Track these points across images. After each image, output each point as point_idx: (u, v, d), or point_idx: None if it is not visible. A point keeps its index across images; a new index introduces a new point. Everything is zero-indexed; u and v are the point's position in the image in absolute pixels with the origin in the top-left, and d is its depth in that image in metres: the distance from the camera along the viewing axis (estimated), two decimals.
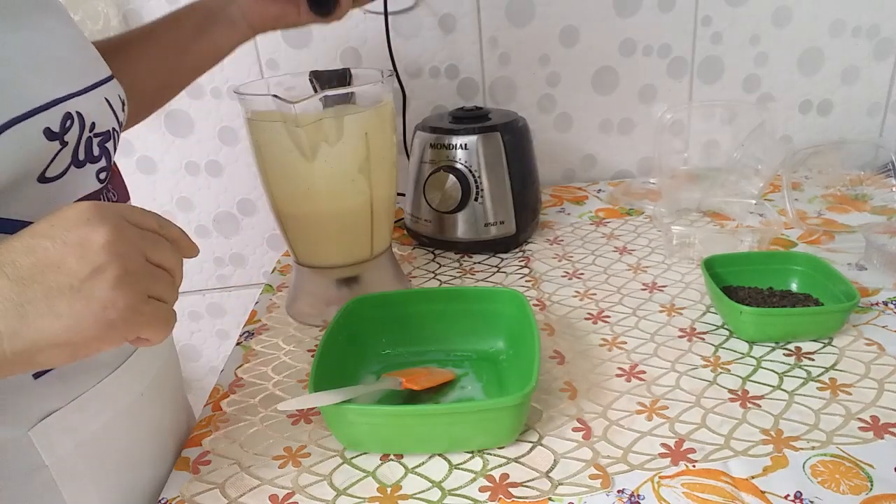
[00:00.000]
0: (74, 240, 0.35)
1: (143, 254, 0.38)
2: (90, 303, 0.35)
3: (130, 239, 0.37)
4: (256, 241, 1.20)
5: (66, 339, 0.35)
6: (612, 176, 1.18)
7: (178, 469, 0.54)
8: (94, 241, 0.35)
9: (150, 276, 0.38)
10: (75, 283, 0.35)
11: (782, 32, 1.08)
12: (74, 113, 0.44)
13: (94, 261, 0.35)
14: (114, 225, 0.36)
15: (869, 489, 0.46)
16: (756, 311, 0.63)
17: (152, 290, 0.38)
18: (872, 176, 1.00)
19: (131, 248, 0.37)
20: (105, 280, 0.35)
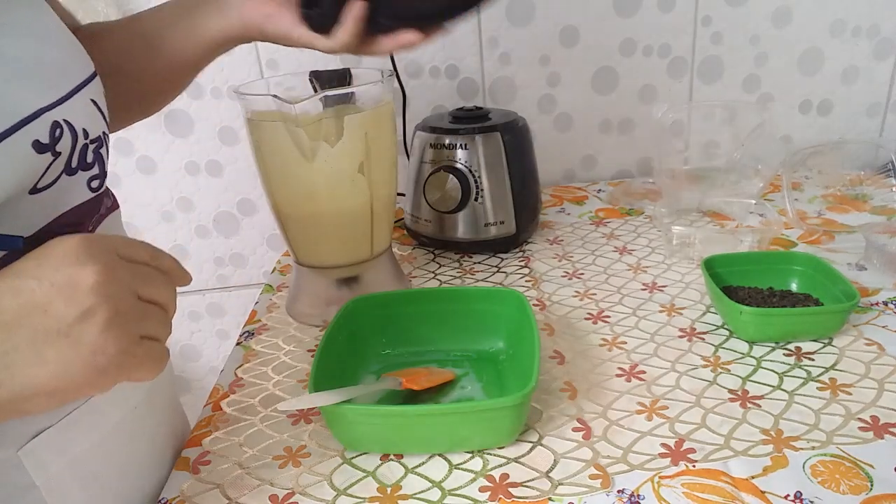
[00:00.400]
0: (62, 280, 0.33)
1: (135, 292, 0.36)
2: (79, 348, 0.33)
3: (121, 277, 0.35)
4: (256, 241, 1.20)
5: (53, 387, 0.33)
6: (612, 176, 1.18)
7: (178, 469, 0.54)
8: (83, 281, 0.33)
9: (142, 315, 0.36)
10: (63, 327, 0.33)
11: (782, 32, 1.08)
12: (62, 122, 0.42)
13: (83, 303, 0.33)
14: (104, 263, 0.34)
15: (869, 489, 0.46)
16: (756, 311, 0.63)
17: (144, 330, 0.37)
18: (872, 176, 1.00)
19: (122, 288, 0.35)
20: (95, 324, 0.33)
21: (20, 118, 0.38)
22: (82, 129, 0.44)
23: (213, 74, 1.06)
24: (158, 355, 0.38)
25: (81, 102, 0.46)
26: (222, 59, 1.07)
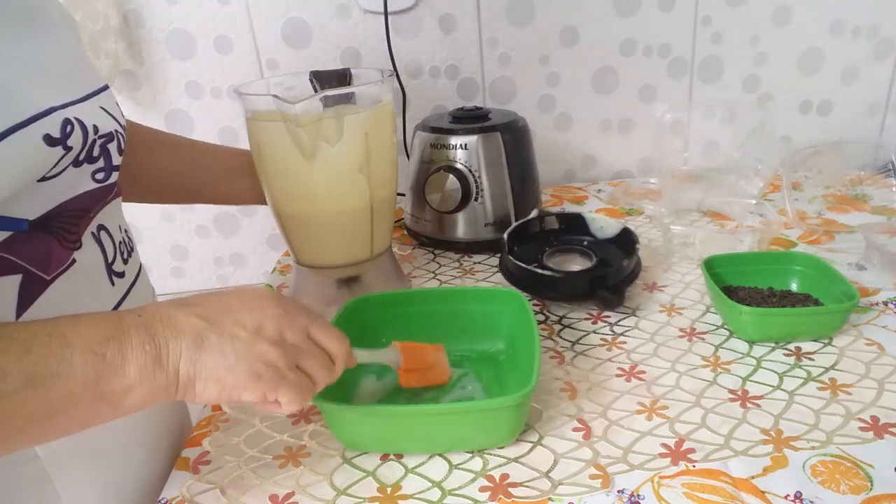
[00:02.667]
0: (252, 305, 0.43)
1: (306, 331, 0.45)
2: (249, 354, 0.41)
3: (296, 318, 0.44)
4: (256, 241, 1.20)
5: (222, 377, 0.41)
6: (612, 176, 1.18)
7: (178, 469, 0.54)
8: (268, 309, 0.43)
9: (306, 349, 0.44)
10: (243, 335, 0.42)
11: (782, 32, 1.08)
12: (73, 119, 0.45)
13: (262, 323, 0.43)
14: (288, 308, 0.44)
15: (869, 489, 0.46)
16: (756, 311, 0.63)
17: (302, 363, 0.44)
18: (872, 176, 1.00)
19: (294, 324, 0.44)
20: (265, 339, 0.42)
21: (34, 113, 0.42)
22: (93, 126, 0.47)
23: (213, 74, 1.06)
24: (305, 387, 0.44)
25: (91, 109, 0.49)
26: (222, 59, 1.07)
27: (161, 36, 1.03)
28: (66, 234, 0.46)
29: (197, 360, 0.40)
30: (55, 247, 0.45)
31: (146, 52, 1.04)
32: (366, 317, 0.65)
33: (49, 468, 0.46)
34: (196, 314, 0.41)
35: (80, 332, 0.37)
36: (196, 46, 1.04)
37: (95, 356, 0.37)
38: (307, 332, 0.45)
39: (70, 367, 0.36)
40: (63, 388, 0.36)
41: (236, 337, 0.41)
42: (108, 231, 0.52)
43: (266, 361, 0.42)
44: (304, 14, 1.03)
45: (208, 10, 1.02)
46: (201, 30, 1.03)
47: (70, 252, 0.47)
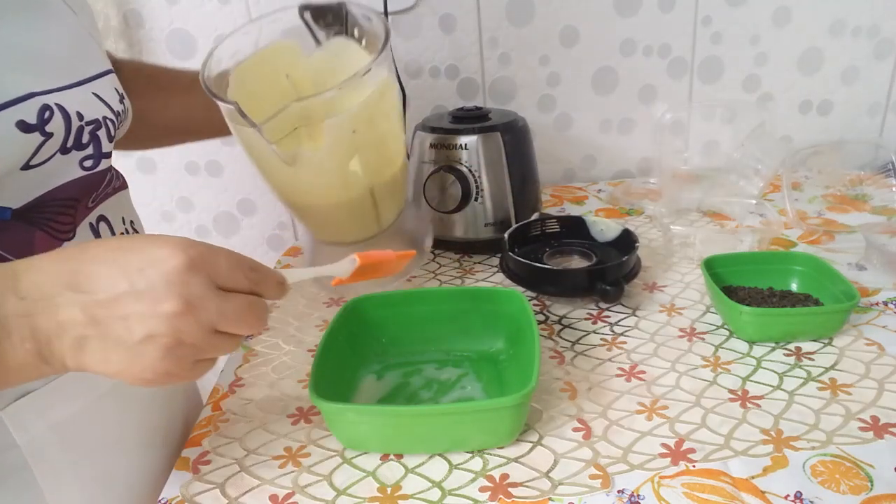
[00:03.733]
0: (148, 297, 0.36)
1: (213, 327, 0.38)
2: (135, 362, 0.36)
3: (201, 316, 0.37)
4: (256, 241, 1.20)
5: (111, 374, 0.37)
6: (612, 176, 1.18)
7: (178, 469, 0.54)
8: (164, 307, 0.36)
9: (208, 345, 0.38)
10: (129, 342, 0.36)
11: (782, 32, 1.08)
12: (54, 105, 0.44)
13: (154, 328, 0.36)
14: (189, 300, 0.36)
15: (869, 489, 0.46)
16: (756, 311, 0.63)
17: (202, 356, 0.39)
18: (872, 176, 1.00)
19: (196, 325, 0.37)
20: (156, 348, 0.36)
21: (8, 99, 0.41)
22: (76, 112, 0.46)
23: None
24: (200, 372, 0.40)
25: (81, 95, 0.48)
26: None
27: (161, 36, 1.03)
28: (53, 224, 0.46)
29: (81, 360, 0.37)
30: (39, 237, 0.45)
31: (146, 52, 1.04)
32: (365, 317, 0.65)
33: (28, 457, 0.46)
34: (80, 305, 0.35)
35: None
36: (196, 46, 1.04)
37: None
38: (214, 328, 0.38)
39: None
40: None
41: (121, 344, 0.36)
42: (108, 223, 0.52)
43: (154, 370, 0.37)
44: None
45: (208, 10, 1.02)
46: (201, 30, 1.03)
47: (59, 242, 0.47)
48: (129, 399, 0.54)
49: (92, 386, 0.50)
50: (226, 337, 0.39)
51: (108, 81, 0.53)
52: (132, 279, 0.36)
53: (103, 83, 0.52)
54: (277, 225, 1.19)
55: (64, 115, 0.45)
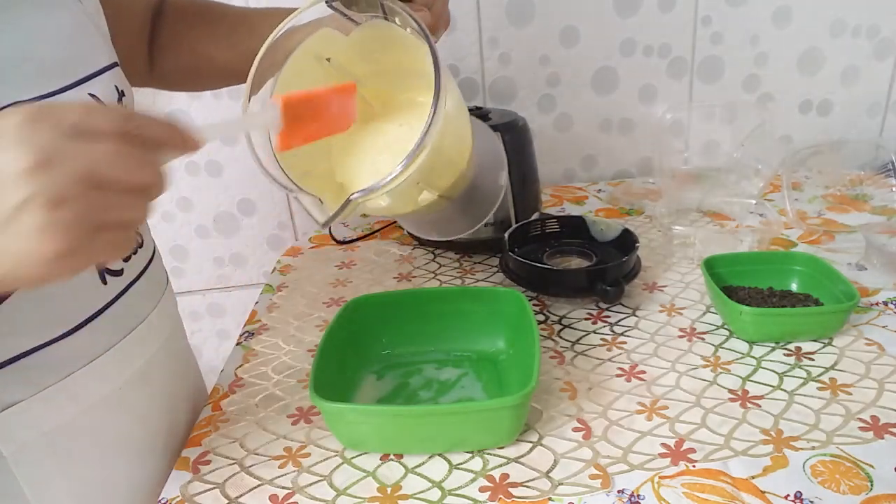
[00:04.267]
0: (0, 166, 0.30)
1: (87, 177, 0.31)
2: (21, 241, 0.30)
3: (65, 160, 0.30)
4: (256, 241, 1.20)
5: (13, 277, 0.32)
6: (612, 176, 1.18)
7: (178, 469, 0.54)
8: (16, 167, 0.30)
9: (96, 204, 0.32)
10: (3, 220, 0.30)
11: (782, 32, 1.08)
12: None
13: (17, 193, 0.30)
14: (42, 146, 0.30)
15: (869, 489, 0.46)
16: (756, 311, 0.63)
17: (99, 219, 0.32)
18: (872, 176, 1.00)
19: (65, 173, 0.30)
20: (31, 215, 0.30)
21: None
22: None
23: None
24: (118, 243, 0.34)
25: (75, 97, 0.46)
26: None
27: None
28: None
29: None
30: None
31: None
32: (365, 317, 0.65)
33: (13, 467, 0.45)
34: None
35: None
36: None
37: None
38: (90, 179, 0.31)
39: None
40: None
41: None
42: None
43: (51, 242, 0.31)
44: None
45: None
46: None
47: None
48: (124, 408, 0.53)
49: (83, 396, 0.49)
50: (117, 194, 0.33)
51: (109, 78, 0.50)
52: None
53: (102, 81, 0.49)
54: (277, 225, 1.19)
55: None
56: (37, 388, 0.46)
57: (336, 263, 0.90)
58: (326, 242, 0.97)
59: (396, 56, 0.52)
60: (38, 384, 0.46)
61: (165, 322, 0.59)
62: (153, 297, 0.58)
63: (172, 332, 0.62)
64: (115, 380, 0.52)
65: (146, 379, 0.55)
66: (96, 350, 0.50)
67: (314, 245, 0.97)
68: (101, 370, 0.50)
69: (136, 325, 0.54)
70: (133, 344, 0.53)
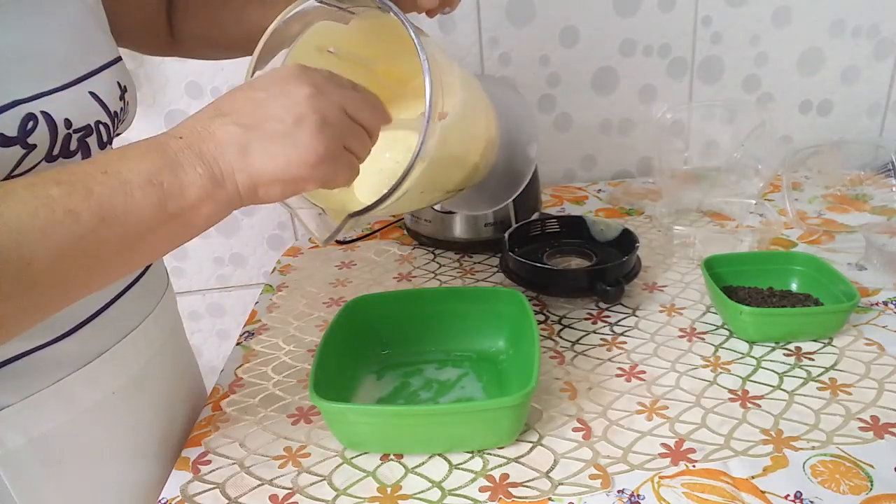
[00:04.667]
0: (283, 93, 0.41)
1: (343, 108, 0.42)
2: (297, 147, 0.40)
3: (330, 95, 0.42)
4: (256, 241, 1.20)
5: (280, 177, 0.41)
6: (612, 176, 1.18)
7: (178, 469, 0.54)
8: (300, 94, 0.41)
9: (347, 129, 0.43)
10: (286, 129, 0.40)
11: (782, 32, 1.08)
12: (39, 113, 0.43)
13: (299, 111, 0.40)
14: (315, 82, 0.42)
15: (869, 489, 0.46)
16: (756, 311, 0.63)
17: (347, 142, 0.43)
18: (872, 176, 1.00)
19: (330, 103, 0.42)
20: (308, 128, 0.40)
21: None
22: (63, 120, 0.44)
23: (212, 74, 1.06)
24: (354, 166, 0.44)
25: (73, 96, 0.46)
26: None
27: None
28: None
29: (250, 168, 0.40)
30: None
31: None
32: (365, 317, 0.65)
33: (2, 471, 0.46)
34: (232, 122, 0.40)
35: (132, 167, 0.38)
36: None
37: (154, 186, 0.38)
38: (344, 110, 0.43)
39: (134, 202, 0.37)
40: (135, 221, 0.37)
41: (279, 135, 0.40)
42: None
43: (316, 150, 0.41)
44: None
45: None
46: None
47: None
48: (117, 413, 0.53)
49: (73, 402, 0.49)
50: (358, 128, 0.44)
51: (111, 74, 0.50)
52: (265, 89, 0.41)
53: (104, 78, 0.49)
54: (277, 225, 1.19)
55: (49, 123, 0.43)
56: (26, 393, 0.46)
57: (336, 263, 0.90)
58: None
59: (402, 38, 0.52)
60: (27, 389, 0.46)
61: (164, 325, 0.59)
62: (150, 301, 0.57)
63: (171, 335, 0.61)
64: (108, 385, 0.51)
65: (141, 384, 0.55)
66: (89, 355, 0.50)
67: (314, 245, 0.97)
68: (94, 375, 0.50)
69: (131, 330, 0.53)
70: (128, 348, 0.53)
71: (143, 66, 1.05)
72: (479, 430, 0.52)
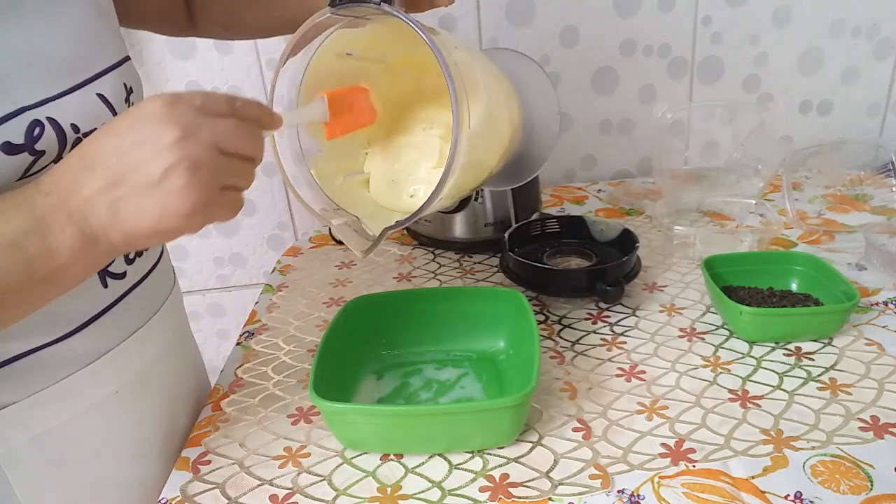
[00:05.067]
0: (149, 138, 0.38)
1: (215, 146, 0.39)
2: (168, 199, 0.38)
3: (199, 134, 0.38)
4: (256, 241, 1.20)
5: (153, 230, 0.39)
6: (612, 176, 1.18)
7: (177, 469, 0.54)
8: (166, 139, 0.37)
9: (222, 168, 0.40)
10: (154, 180, 0.37)
11: (782, 32, 1.08)
12: (45, 119, 0.42)
13: (168, 160, 0.37)
14: (182, 123, 0.38)
15: (869, 489, 0.46)
16: (756, 311, 0.63)
17: (224, 181, 0.40)
18: (872, 176, 1.00)
19: (200, 145, 0.38)
20: (177, 177, 0.38)
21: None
22: (70, 125, 0.44)
23: (213, 74, 1.06)
24: (235, 204, 0.42)
25: (80, 99, 0.46)
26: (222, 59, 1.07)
27: (161, 36, 1.03)
28: None
29: (121, 226, 0.38)
30: None
31: (146, 52, 1.04)
32: (365, 317, 0.65)
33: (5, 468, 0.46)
34: (99, 176, 0.38)
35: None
36: (196, 46, 1.04)
37: (20, 251, 0.37)
38: (218, 148, 0.39)
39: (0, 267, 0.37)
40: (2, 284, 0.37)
41: (147, 187, 0.38)
42: None
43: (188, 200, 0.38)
44: None
45: None
46: None
47: None
48: (120, 411, 0.53)
49: (76, 400, 0.49)
50: (235, 160, 0.41)
51: (118, 75, 0.50)
52: (129, 135, 0.38)
53: (111, 79, 0.49)
54: (277, 225, 1.19)
55: (57, 129, 0.43)
56: (29, 391, 0.46)
57: (336, 263, 0.90)
58: (326, 242, 0.97)
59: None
60: (30, 387, 0.46)
61: (169, 324, 0.59)
62: (157, 300, 0.57)
63: (176, 334, 0.61)
64: (111, 383, 0.51)
65: (145, 383, 0.55)
66: (93, 354, 0.50)
67: (314, 245, 0.97)
68: (97, 374, 0.50)
69: (136, 329, 0.53)
70: (132, 347, 0.53)
71: (142, 66, 1.05)
72: (479, 430, 0.52)
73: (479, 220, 0.86)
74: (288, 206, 1.17)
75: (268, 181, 1.14)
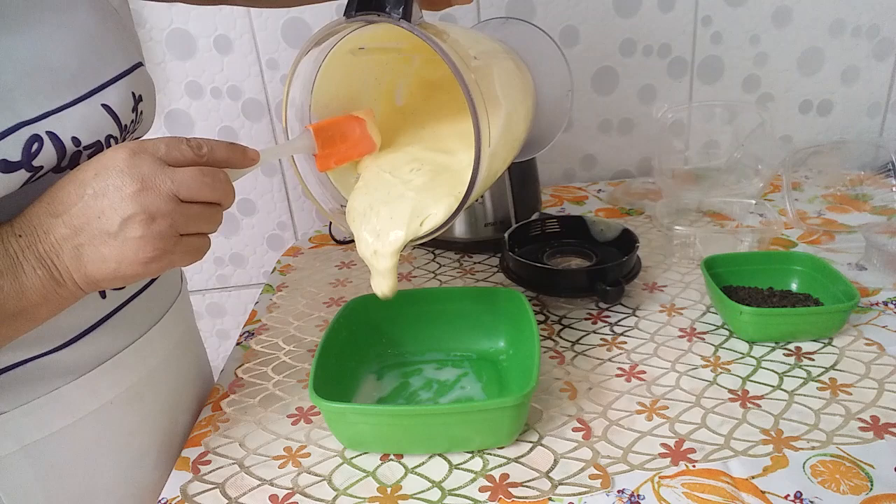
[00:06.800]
0: (111, 188, 0.39)
1: (174, 196, 0.40)
2: (126, 249, 0.40)
3: (158, 186, 0.40)
4: (256, 241, 1.20)
5: (115, 276, 0.41)
6: (612, 176, 1.18)
7: (177, 469, 0.54)
8: (126, 191, 0.39)
9: (182, 217, 0.41)
10: (112, 230, 0.39)
11: (782, 32, 1.08)
12: (44, 134, 0.42)
13: (126, 210, 0.39)
14: (143, 173, 0.40)
15: (869, 489, 0.46)
16: (756, 311, 0.63)
17: (184, 229, 0.42)
18: (872, 176, 1.00)
19: (158, 197, 0.40)
20: (134, 228, 0.39)
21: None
22: (71, 139, 0.43)
23: (213, 74, 1.06)
24: (196, 248, 0.43)
25: (86, 109, 0.45)
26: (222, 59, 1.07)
27: (161, 36, 1.03)
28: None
29: (84, 270, 0.40)
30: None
31: (146, 52, 1.04)
32: (365, 317, 0.65)
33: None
34: (63, 223, 0.40)
35: None
36: (196, 46, 1.04)
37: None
38: (176, 197, 0.41)
39: None
40: None
41: (107, 236, 0.39)
42: None
43: (145, 249, 0.40)
44: (303, 14, 1.03)
45: (208, 10, 1.02)
46: (201, 29, 1.03)
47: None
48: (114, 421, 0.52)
49: (70, 409, 0.49)
50: (195, 207, 0.42)
51: (126, 84, 0.48)
52: (92, 185, 0.40)
53: (118, 88, 0.47)
54: (277, 225, 1.19)
55: (56, 143, 0.42)
56: (22, 401, 0.46)
57: (336, 263, 0.90)
58: (326, 242, 0.97)
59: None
60: (23, 397, 0.46)
61: (173, 331, 0.59)
62: (159, 309, 0.57)
63: (181, 340, 0.61)
64: (106, 394, 0.51)
65: (143, 392, 0.54)
66: (88, 364, 0.49)
67: (314, 245, 0.97)
68: (93, 384, 0.50)
69: (135, 339, 0.53)
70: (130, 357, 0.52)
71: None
72: (479, 430, 0.52)
73: (479, 220, 0.86)
74: (288, 206, 1.17)
75: (268, 181, 1.14)
